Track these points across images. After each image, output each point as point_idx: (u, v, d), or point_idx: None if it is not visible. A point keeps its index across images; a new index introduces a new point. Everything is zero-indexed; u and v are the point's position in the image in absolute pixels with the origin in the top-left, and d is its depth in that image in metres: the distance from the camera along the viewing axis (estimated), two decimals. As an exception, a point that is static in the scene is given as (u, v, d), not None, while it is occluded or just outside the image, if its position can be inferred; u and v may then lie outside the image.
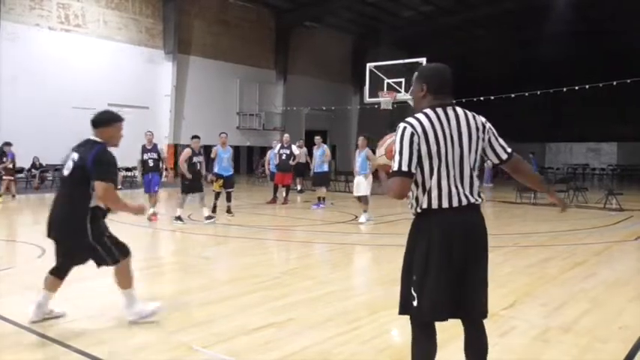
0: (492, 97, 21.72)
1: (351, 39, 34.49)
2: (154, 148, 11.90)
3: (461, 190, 2.74)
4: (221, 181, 11.83)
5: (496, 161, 2.91)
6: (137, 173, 12.90)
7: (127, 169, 20.57)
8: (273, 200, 14.76)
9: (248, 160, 27.05)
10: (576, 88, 18.99)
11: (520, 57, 32.43)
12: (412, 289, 2.80)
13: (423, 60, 17.25)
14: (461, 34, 33.10)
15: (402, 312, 2.93)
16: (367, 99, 18.74)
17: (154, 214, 11.17)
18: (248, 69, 28.59)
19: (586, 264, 7.13)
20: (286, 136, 15.32)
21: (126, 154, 20.48)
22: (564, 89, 19.50)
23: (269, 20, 29.91)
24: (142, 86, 23.78)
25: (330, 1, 28.76)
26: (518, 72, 31.27)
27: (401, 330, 4.53)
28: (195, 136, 11.47)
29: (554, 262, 7.19)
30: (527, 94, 20.83)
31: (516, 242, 8.69)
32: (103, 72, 22.32)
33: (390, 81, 18.22)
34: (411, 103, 18.00)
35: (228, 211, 11.93)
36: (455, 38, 32.89)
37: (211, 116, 26.38)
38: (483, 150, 2.85)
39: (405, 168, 2.69)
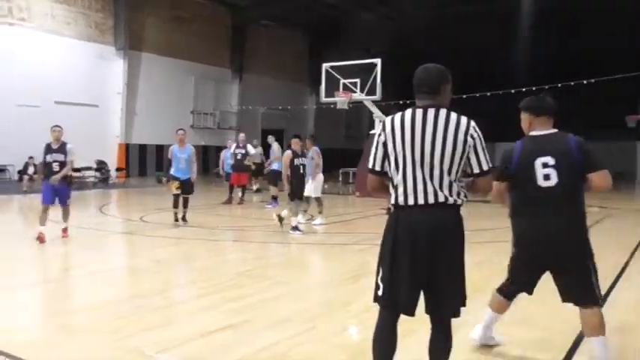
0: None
1: (308, 38, 34.54)
2: (62, 148, 9.07)
3: (429, 188, 2.76)
4: (177, 183, 10.56)
5: (468, 172, 2.90)
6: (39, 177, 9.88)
7: (76, 170, 19.94)
8: (229, 200, 14.56)
9: (203, 160, 26.70)
10: (534, 88, 19.49)
11: (475, 60, 33.15)
12: (379, 278, 2.89)
13: (378, 61, 17.44)
14: (416, 36, 33.57)
15: (374, 300, 2.97)
16: (323, 99, 18.78)
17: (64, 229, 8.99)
18: (203, 67, 28.19)
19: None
20: (241, 135, 15.12)
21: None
22: (523, 89, 20.02)
23: (225, 18, 29.58)
24: (92, 84, 23.06)
25: (287, 0, 28.69)
26: (473, 75, 31.97)
27: (358, 327, 4.56)
28: (296, 135, 10.33)
29: (504, 257, 7.36)
30: (477, 94, 21.31)
31: (468, 239, 8.82)
32: (50, 68, 21.50)
33: (345, 81, 18.30)
34: (366, 103, 18.28)
35: (184, 218, 10.78)
36: (410, 40, 33.35)
37: (165, 115, 25.90)
38: (468, 155, 2.82)
39: (370, 165, 2.89)
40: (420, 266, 2.76)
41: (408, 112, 2.84)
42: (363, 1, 29.15)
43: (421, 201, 2.76)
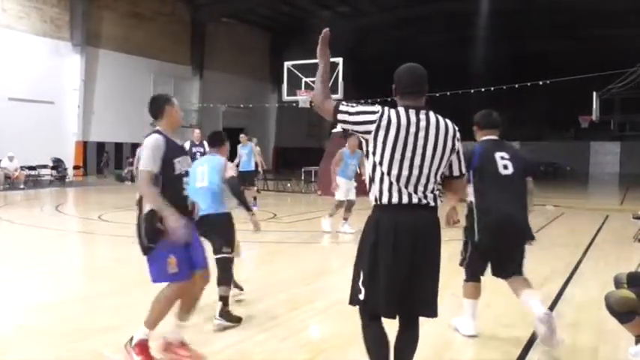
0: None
1: (269, 36, 34.43)
2: None
3: (415, 189, 2.76)
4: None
5: (447, 174, 2.92)
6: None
7: (31, 168, 19.40)
8: None
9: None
10: (492, 89, 19.93)
11: (434, 59, 33.68)
12: (360, 282, 2.85)
13: (340, 60, 17.52)
14: (376, 35, 33.90)
15: (351, 303, 2.96)
16: (285, 97, 18.76)
17: None
18: (162, 64, 27.71)
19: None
20: (197, 132, 13.77)
21: (29, 151, 19.36)
22: (472, 90, 20.47)
23: (184, 14, 29.17)
24: (47, 80, 22.36)
25: (247, -2, 28.59)
26: (432, 74, 32.47)
27: (320, 325, 4.59)
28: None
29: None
30: (437, 94, 21.65)
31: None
32: (2, 64, 20.76)
33: (307, 80, 18.33)
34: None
35: None
36: (371, 39, 33.64)
37: (123, 112, 25.37)
38: (451, 158, 2.87)
39: (342, 106, 2.86)
40: (400, 267, 2.74)
41: (402, 110, 2.80)
42: (322, 0, 29.24)
43: (405, 200, 2.75)
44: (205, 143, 14.30)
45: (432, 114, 2.84)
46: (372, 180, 2.83)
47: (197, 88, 29.88)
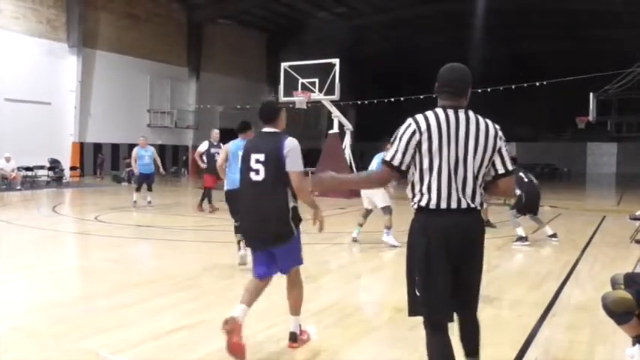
0: (402, 99, 22.47)
1: (266, 37, 34.42)
2: None
3: (460, 192, 2.74)
4: None
5: (492, 173, 2.87)
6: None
7: (28, 169, 19.34)
8: (202, 207, 12.73)
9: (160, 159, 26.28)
10: (489, 90, 19.96)
11: (428, 59, 33.70)
12: (416, 289, 2.81)
13: (337, 61, 17.53)
14: (373, 36, 33.95)
15: (410, 314, 2.90)
16: (282, 98, 18.74)
17: None
18: (159, 65, 27.70)
19: (488, 257, 7.51)
20: (216, 132, 12.80)
21: (26, 152, 19.30)
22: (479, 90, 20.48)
23: (180, 15, 29.15)
24: (44, 81, 22.33)
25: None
26: (428, 75, 32.51)
27: (316, 327, 4.58)
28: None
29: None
30: (434, 95, 21.67)
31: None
32: (-2, 64, 20.77)
33: (304, 81, 18.33)
34: (325, 103, 18.35)
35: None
36: (367, 40, 33.68)
37: (120, 113, 25.38)
38: (494, 158, 2.83)
39: (389, 159, 2.78)
40: (453, 269, 2.76)
41: (440, 112, 2.77)
42: (319, 1, 29.24)
43: (454, 205, 2.74)
44: (221, 144, 13.65)
45: (471, 113, 2.81)
46: (415, 184, 2.81)
47: (194, 90, 29.87)
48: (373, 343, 4.25)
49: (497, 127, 2.85)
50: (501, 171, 2.83)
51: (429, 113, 2.78)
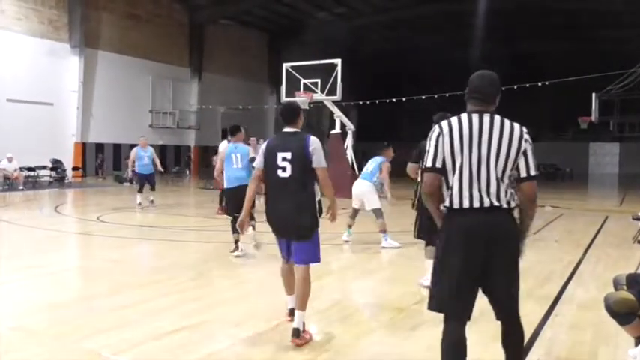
0: (404, 99, 22.46)
1: (268, 37, 34.41)
2: None
3: (484, 192, 2.81)
4: None
5: (516, 176, 2.91)
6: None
7: (30, 169, 19.36)
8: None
9: (161, 160, 26.27)
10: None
11: (429, 60, 33.69)
12: (436, 287, 2.92)
13: (338, 61, 17.51)
14: (374, 36, 33.94)
15: (429, 307, 2.99)
16: (284, 98, 18.72)
17: None
18: (161, 66, 27.69)
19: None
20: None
21: (28, 152, 19.30)
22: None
23: (182, 16, 29.16)
24: (46, 81, 22.33)
25: (244, 0, 28.54)
26: (429, 74, 32.48)
27: (319, 326, 4.57)
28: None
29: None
30: (436, 95, 21.67)
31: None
32: (0, 65, 20.73)
33: (306, 81, 18.31)
34: (327, 103, 18.34)
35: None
36: (368, 40, 33.67)
37: (122, 114, 25.39)
38: (518, 160, 2.87)
39: (430, 164, 2.91)
40: (472, 268, 2.80)
41: (464, 116, 2.90)
42: (319, 1, 29.24)
43: (476, 204, 2.81)
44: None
45: (497, 117, 2.89)
46: (444, 185, 2.91)
47: (196, 90, 29.88)
48: (375, 342, 4.25)
49: (525, 129, 2.92)
50: (523, 175, 2.87)
51: (454, 118, 2.91)
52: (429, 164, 2.90)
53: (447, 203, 2.89)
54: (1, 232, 9.96)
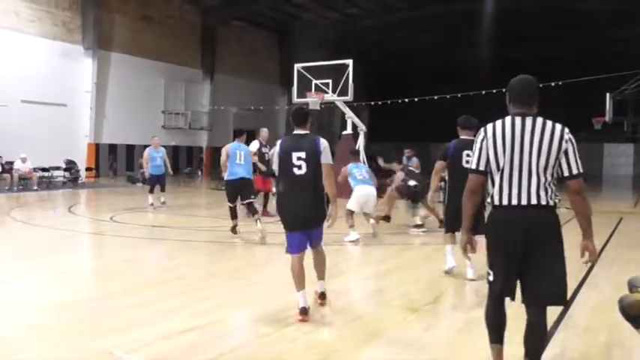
0: (416, 99, 22.37)
1: (279, 39, 34.47)
2: None
3: (525, 191, 3.03)
4: None
5: (559, 174, 3.10)
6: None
7: (44, 170, 19.53)
8: (266, 212, 11.27)
9: (173, 160, 26.41)
10: (493, 91, 19.80)
11: (441, 60, 33.54)
12: (489, 268, 3.21)
13: (350, 61, 17.46)
14: (385, 37, 33.83)
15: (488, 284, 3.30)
16: (295, 99, 18.73)
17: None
18: (173, 67, 27.84)
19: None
20: (265, 131, 12.25)
21: (42, 153, 19.47)
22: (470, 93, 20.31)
23: (194, 17, 29.28)
24: (59, 83, 22.49)
25: (255, 1, 28.59)
26: (441, 74, 32.33)
27: (330, 327, 4.56)
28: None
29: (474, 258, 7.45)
30: (448, 96, 21.54)
31: (439, 242, 8.80)
32: (15, 67, 20.89)
33: (317, 82, 18.29)
34: (338, 104, 18.31)
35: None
36: (379, 40, 33.58)
37: (135, 115, 25.53)
38: (560, 159, 3.05)
39: (474, 166, 3.19)
40: (514, 259, 3.04)
41: (508, 119, 3.11)
42: (330, 2, 29.23)
43: (515, 202, 3.04)
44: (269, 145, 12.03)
45: (539, 119, 3.06)
46: (489, 185, 3.18)
47: (208, 91, 29.98)
48: (387, 344, 4.23)
49: (566, 130, 3.08)
50: (565, 173, 3.06)
51: (498, 121, 3.13)
52: (473, 166, 3.18)
53: (489, 200, 3.15)
54: (15, 232, 10.06)
